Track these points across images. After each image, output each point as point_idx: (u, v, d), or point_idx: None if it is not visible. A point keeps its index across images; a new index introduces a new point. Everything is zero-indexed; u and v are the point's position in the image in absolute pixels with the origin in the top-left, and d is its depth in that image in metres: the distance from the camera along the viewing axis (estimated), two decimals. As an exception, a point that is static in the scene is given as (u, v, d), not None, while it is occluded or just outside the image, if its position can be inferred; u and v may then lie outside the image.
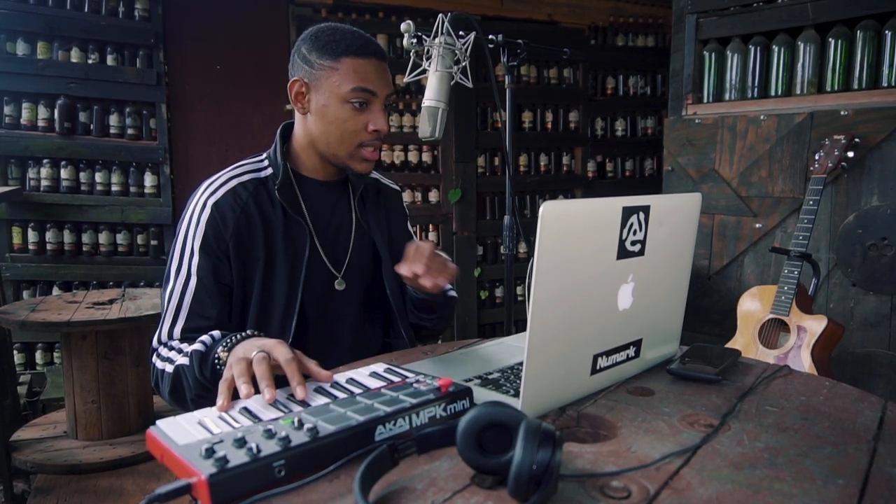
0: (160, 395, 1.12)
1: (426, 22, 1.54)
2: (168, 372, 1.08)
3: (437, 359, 1.10)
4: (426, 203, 3.81)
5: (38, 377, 3.11)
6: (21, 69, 3.05)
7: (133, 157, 3.24)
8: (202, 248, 1.15)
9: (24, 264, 3.14)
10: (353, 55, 1.17)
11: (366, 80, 1.17)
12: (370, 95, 1.18)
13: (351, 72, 1.16)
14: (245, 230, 1.18)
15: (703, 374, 0.96)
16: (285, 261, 1.21)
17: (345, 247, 1.30)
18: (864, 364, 2.32)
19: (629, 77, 4.22)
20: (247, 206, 1.19)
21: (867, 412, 0.85)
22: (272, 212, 1.22)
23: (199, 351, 1.02)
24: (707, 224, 2.74)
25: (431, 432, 0.69)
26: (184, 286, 1.14)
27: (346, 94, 1.17)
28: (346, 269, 1.29)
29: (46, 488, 2.15)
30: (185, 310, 1.13)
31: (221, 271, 1.16)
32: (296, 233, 1.23)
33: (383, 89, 1.20)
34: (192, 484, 0.59)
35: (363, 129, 1.20)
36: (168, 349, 1.12)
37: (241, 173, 1.23)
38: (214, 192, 1.19)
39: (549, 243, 0.74)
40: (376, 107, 1.20)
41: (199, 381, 1.01)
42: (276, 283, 1.20)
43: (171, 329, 1.13)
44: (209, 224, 1.15)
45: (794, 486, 0.64)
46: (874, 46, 2.31)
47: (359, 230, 1.32)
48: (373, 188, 1.40)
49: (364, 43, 1.18)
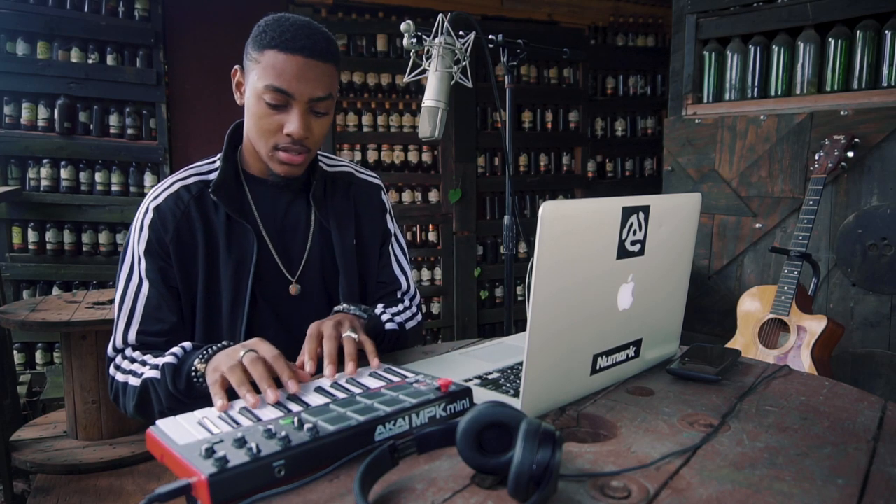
0: (120, 408, 1.08)
1: (426, 22, 1.54)
2: (133, 385, 1.03)
3: (437, 359, 1.10)
4: (426, 203, 3.81)
5: (38, 377, 3.11)
6: (21, 69, 3.05)
7: (133, 157, 3.24)
8: (147, 252, 1.10)
9: (24, 264, 3.14)
10: (276, 48, 1.05)
11: (280, 79, 1.05)
12: (285, 97, 1.06)
13: (269, 67, 1.05)
14: (186, 234, 1.12)
15: (703, 374, 0.96)
16: (230, 266, 1.13)
17: (301, 248, 1.21)
18: (864, 364, 2.32)
19: (629, 77, 4.22)
20: (188, 209, 1.13)
21: (867, 412, 0.85)
22: (215, 215, 1.14)
23: (172, 364, 0.98)
24: (707, 224, 2.74)
25: (431, 432, 0.68)
26: (136, 291, 1.10)
27: (260, 91, 1.06)
28: (302, 273, 1.21)
29: (46, 488, 2.15)
30: (139, 313, 1.09)
31: (170, 274, 1.11)
32: (241, 236, 1.15)
33: (304, 92, 1.06)
34: (192, 484, 0.59)
35: (278, 131, 1.09)
36: (129, 361, 1.07)
37: (186, 176, 1.17)
38: (157, 196, 1.13)
39: (549, 243, 0.74)
40: (295, 110, 1.07)
41: (173, 394, 0.98)
42: (221, 290, 1.13)
43: (126, 334, 1.09)
44: (151, 228, 1.11)
45: (794, 486, 0.64)
46: (874, 46, 2.31)
47: (319, 232, 1.23)
48: (342, 182, 1.28)
49: (293, 37, 1.05)
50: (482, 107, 3.89)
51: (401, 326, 1.22)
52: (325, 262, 1.23)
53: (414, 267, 3.81)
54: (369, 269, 1.28)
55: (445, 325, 3.91)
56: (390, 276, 1.32)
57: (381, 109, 3.68)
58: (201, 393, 0.93)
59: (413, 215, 3.79)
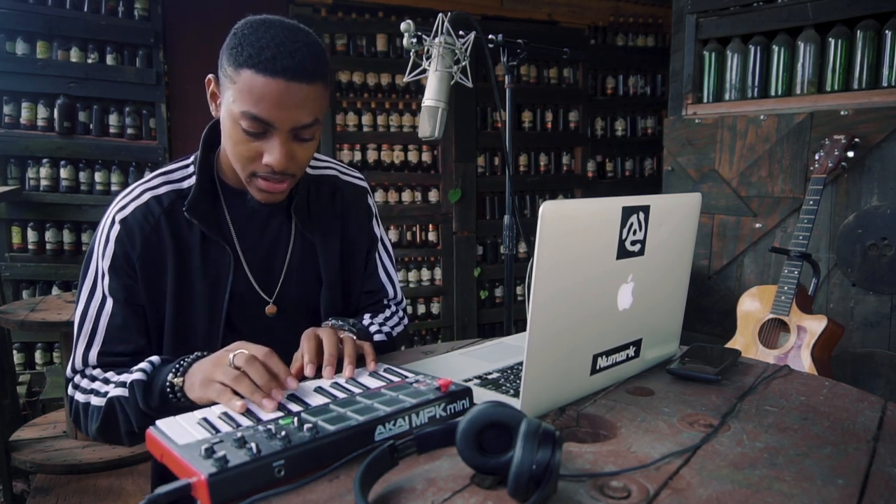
0: (81, 430, 1.01)
1: (426, 22, 1.54)
2: (96, 405, 0.96)
3: (436, 359, 1.10)
4: (426, 203, 3.81)
5: (38, 377, 3.11)
6: (21, 69, 3.05)
7: (133, 156, 3.24)
8: (111, 269, 1.02)
9: (24, 264, 3.13)
10: (254, 69, 0.91)
11: (259, 106, 0.92)
12: (264, 125, 0.94)
13: (245, 91, 0.92)
14: (155, 254, 1.03)
15: (703, 374, 0.96)
16: (204, 289, 1.05)
17: (279, 267, 1.13)
18: (864, 364, 2.32)
19: (629, 77, 4.22)
20: (158, 225, 1.03)
21: (867, 412, 0.85)
22: (188, 233, 1.05)
23: (142, 380, 0.91)
24: (707, 224, 2.74)
25: (431, 432, 0.68)
26: (98, 308, 1.02)
27: (237, 116, 0.94)
28: (279, 293, 1.13)
29: (46, 488, 2.15)
30: (101, 333, 1.01)
31: (136, 292, 1.03)
32: (216, 257, 1.06)
33: (286, 120, 0.94)
34: (192, 484, 0.59)
35: (257, 159, 0.98)
36: (89, 380, 1.00)
37: (157, 185, 1.06)
38: (124, 208, 1.03)
39: (549, 243, 0.74)
40: (275, 139, 0.95)
41: (143, 412, 0.91)
42: (194, 315, 1.05)
43: (86, 355, 1.02)
44: (118, 242, 1.02)
45: (794, 486, 0.64)
46: (874, 46, 2.31)
47: (300, 245, 1.15)
48: (326, 189, 1.20)
49: (273, 55, 0.91)
50: (482, 107, 3.89)
51: (389, 336, 1.19)
52: (306, 277, 1.16)
53: (414, 267, 3.81)
54: (354, 278, 1.23)
55: (445, 325, 3.91)
56: (377, 285, 1.27)
57: (381, 109, 3.68)
58: (176, 408, 0.87)
59: (413, 215, 3.79)
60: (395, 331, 1.22)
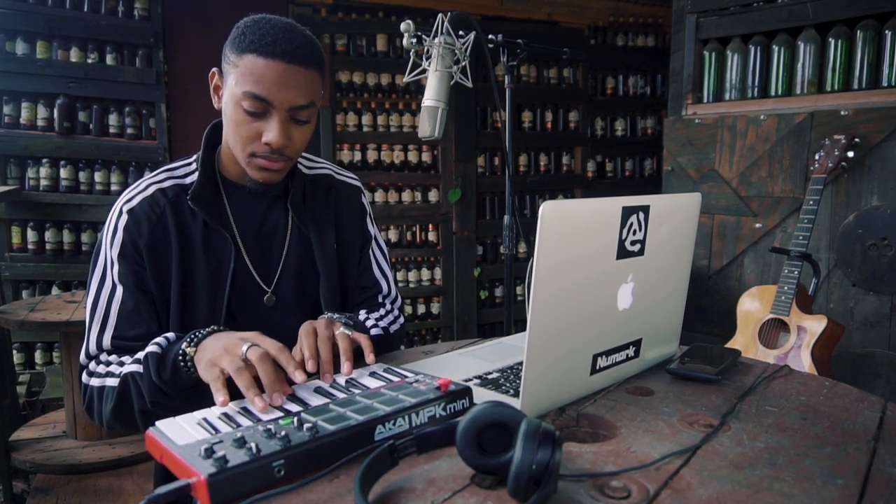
0: (93, 418, 1.04)
1: (426, 22, 1.54)
2: (110, 386, 0.99)
3: (436, 358, 1.10)
4: (426, 203, 3.81)
5: (38, 377, 3.11)
6: (20, 69, 3.05)
7: (132, 156, 3.24)
8: (120, 256, 1.06)
9: (24, 264, 3.13)
10: (255, 53, 0.99)
11: (259, 86, 1.00)
12: (264, 104, 1.01)
13: (247, 72, 1.00)
14: (160, 242, 1.08)
15: (702, 374, 0.96)
16: (206, 276, 1.09)
17: (277, 258, 1.18)
18: (864, 364, 2.32)
19: (629, 77, 4.22)
20: (164, 215, 1.08)
21: (867, 412, 0.85)
22: (192, 222, 1.10)
23: (156, 353, 0.95)
24: (707, 224, 2.74)
25: (431, 432, 0.68)
26: (109, 296, 1.06)
27: (238, 97, 1.01)
28: (278, 283, 1.17)
29: (46, 488, 2.15)
30: (113, 318, 1.05)
31: (144, 279, 1.07)
32: (218, 245, 1.11)
33: (284, 99, 1.01)
34: (192, 484, 0.59)
35: (256, 139, 1.04)
36: (105, 364, 1.03)
37: (162, 179, 1.12)
38: (131, 199, 1.09)
39: (549, 243, 0.74)
40: (274, 118, 1.02)
41: (156, 385, 0.94)
42: (197, 301, 1.09)
43: (100, 338, 1.05)
44: (125, 231, 1.06)
45: (794, 486, 0.64)
46: (874, 46, 2.31)
47: (297, 238, 1.19)
48: (322, 186, 1.25)
49: (273, 40, 1.00)
50: (482, 107, 3.89)
51: (385, 331, 1.21)
52: (303, 270, 1.19)
53: (414, 267, 3.81)
54: (350, 274, 1.25)
55: (445, 325, 3.91)
56: (371, 280, 1.29)
57: (380, 109, 3.68)
58: (187, 380, 0.91)
59: (413, 215, 3.78)
60: (391, 328, 1.24)
